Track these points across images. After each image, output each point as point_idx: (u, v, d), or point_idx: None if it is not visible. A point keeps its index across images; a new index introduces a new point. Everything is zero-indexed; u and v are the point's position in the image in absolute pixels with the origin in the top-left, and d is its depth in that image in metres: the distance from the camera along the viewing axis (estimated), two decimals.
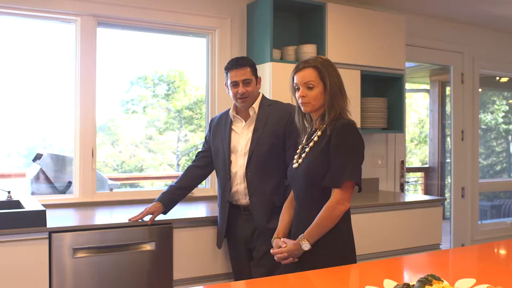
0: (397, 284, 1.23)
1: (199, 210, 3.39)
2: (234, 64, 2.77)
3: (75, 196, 3.40)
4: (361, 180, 2.18)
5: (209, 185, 3.85)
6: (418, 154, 8.49)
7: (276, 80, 3.56)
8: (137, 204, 3.44)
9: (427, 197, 4.23)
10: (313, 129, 2.34)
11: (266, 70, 3.61)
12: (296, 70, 2.34)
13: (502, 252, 2.31)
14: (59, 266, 2.59)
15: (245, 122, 2.81)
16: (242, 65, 2.75)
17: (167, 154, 5.20)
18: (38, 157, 3.72)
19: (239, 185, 2.78)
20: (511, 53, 5.61)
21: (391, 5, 4.47)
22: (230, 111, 2.86)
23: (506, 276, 1.81)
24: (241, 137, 2.80)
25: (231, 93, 2.79)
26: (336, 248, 2.19)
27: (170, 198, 2.89)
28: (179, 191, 2.95)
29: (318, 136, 2.26)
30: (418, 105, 8.44)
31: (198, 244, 2.95)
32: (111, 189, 3.49)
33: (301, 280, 1.74)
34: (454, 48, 5.11)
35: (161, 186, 4.28)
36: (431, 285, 1.17)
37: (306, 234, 2.18)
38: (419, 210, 3.73)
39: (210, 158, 2.97)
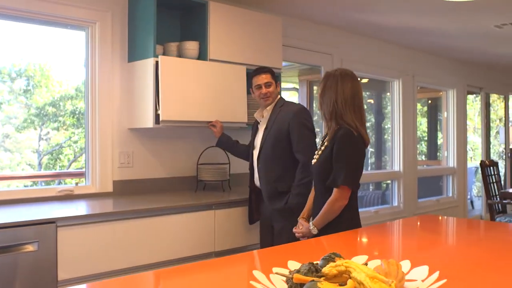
0: (302, 264, 1.33)
1: (82, 208, 3.29)
2: (258, 71, 3.53)
3: None
4: (354, 183, 2.64)
5: (89, 182, 3.74)
6: None
7: (163, 75, 3.53)
8: (8, 205, 3.25)
9: None
10: (327, 131, 2.74)
11: (149, 65, 3.59)
12: None
13: (381, 233, 2.55)
14: None
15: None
16: (264, 72, 3.51)
17: (26, 153, 4.90)
18: None
19: (256, 173, 3.50)
20: (373, 55, 6.13)
21: (268, 6, 4.66)
22: (256, 113, 3.56)
23: (396, 252, 2.02)
24: (258, 135, 3.50)
25: (256, 95, 3.53)
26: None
27: (228, 138, 3.83)
28: (233, 142, 3.84)
29: (327, 141, 2.67)
30: None
31: (84, 242, 2.87)
32: None
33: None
34: (325, 50, 5.45)
35: (20, 187, 4.02)
36: (334, 261, 1.29)
37: (315, 221, 2.72)
38: None
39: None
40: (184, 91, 3.65)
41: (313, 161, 2.78)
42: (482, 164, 5.96)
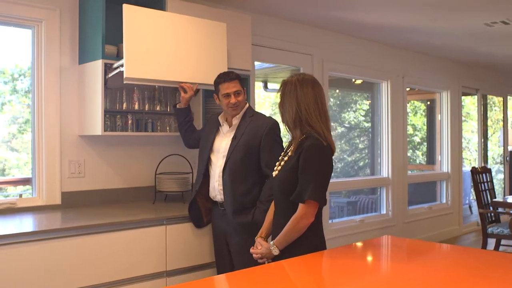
0: None
1: (23, 223, 3.02)
2: (226, 78, 3.15)
3: None
4: (321, 198, 2.36)
5: (36, 193, 3.46)
6: None
7: (126, 26, 3.22)
8: None
9: None
10: (291, 140, 2.50)
11: (98, 67, 3.31)
12: None
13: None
14: None
15: (229, 128, 3.18)
16: (232, 78, 3.15)
17: None
18: None
19: (216, 183, 3.18)
20: (358, 56, 5.80)
21: (238, 3, 4.35)
22: (220, 116, 3.26)
23: None
24: (223, 141, 3.19)
25: (223, 103, 3.15)
26: (302, 254, 2.33)
27: (188, 113, 3.53)
28: (189, 120, 3.54)
29: (292, 151, 2.44)
30: None
31: (9, 264, 2.58)
32: None
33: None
34: (303, 50, 5.14)
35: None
36: None
37: (276, 241, 2.46)
38: None
39: (197, 139, 3.45)
40: (153, 47, 3.31)
41: (274, 173, 2.53)
42: (473, 171, 5.63)
